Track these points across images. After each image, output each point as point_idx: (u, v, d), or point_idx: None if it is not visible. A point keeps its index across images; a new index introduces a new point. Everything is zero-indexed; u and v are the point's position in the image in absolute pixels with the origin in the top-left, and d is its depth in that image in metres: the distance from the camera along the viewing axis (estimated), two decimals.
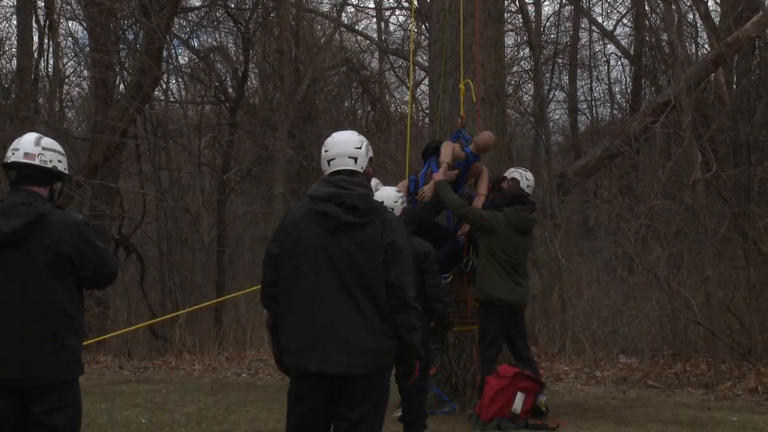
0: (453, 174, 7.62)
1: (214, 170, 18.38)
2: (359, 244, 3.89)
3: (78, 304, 4.07)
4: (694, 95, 12.84)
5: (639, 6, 19.14)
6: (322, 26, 20.95)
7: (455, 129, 8.16)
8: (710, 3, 17.85)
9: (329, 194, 3.95)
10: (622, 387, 9.55)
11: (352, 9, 21.53)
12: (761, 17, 12.89)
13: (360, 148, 4.12)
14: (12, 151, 4.07)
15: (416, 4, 14.41)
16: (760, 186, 13.12)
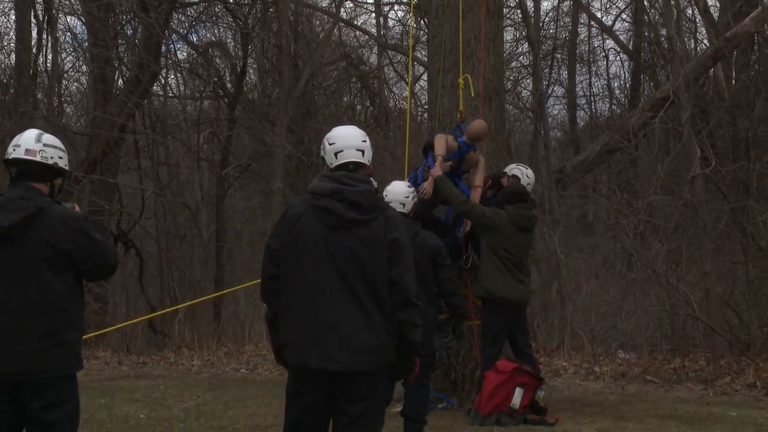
0: (447, 165, 7.62)
1: (213, 165, 18.34)
2: (362, 241, 3.87)
3: (77, 299, 4.07)
4: (693, 90, 12.82)
5: (638, 1, 19.10)
6: (321, 21, 20.86)
7: (454, 124, 8.14)
8: None
9: (331, 190, 3.92)
10: (621, 382, 9.56)
11: (351, 4, 21.48)
12: (760, 12, 12.85)
13: (366, 142, 4.12)
14: (13, 147, 4.08)
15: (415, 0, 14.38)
16: (759, 181, 13.14)
